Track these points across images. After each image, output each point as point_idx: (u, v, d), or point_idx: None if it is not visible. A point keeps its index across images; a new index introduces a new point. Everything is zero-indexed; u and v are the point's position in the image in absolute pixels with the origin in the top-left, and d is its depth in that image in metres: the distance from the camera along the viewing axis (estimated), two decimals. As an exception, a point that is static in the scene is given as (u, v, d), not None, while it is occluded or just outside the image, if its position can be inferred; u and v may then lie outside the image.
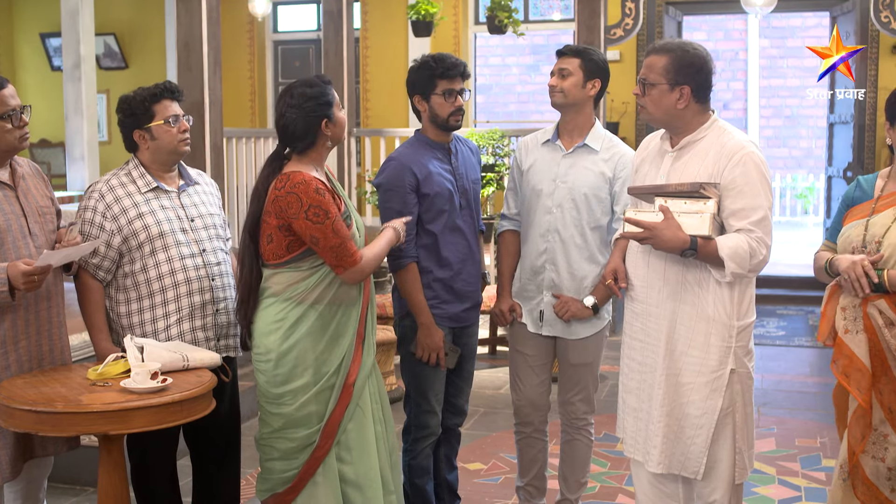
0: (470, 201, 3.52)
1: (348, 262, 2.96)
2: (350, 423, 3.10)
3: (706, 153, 2.87)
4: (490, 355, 6.90)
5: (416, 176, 3.36)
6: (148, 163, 3.20)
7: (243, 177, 7.36)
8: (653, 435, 2.96)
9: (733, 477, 2.92)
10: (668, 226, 2.78)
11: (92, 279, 3.12)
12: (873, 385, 2.85)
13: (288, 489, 3.09)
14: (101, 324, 3.13)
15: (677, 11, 9.56)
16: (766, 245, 2.80)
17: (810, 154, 15.31)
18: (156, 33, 10.35)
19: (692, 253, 2.79)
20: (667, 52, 2.89)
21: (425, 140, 3.49)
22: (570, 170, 3.47)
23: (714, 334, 2.86)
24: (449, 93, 3.38)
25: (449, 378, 3.59)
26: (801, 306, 8.88)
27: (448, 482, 3.74)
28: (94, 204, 3.12)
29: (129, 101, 3.16)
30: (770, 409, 5.55)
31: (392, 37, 9.93)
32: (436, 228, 3.41)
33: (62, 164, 9.98)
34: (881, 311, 2.82)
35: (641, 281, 2.99)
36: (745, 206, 2.80)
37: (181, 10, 5.48)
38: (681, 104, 2.88)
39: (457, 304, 3.49)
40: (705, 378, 2.87)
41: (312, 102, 3.01)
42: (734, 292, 2.85)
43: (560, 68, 3.44)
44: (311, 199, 2.92)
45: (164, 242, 3.12)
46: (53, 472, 3.33)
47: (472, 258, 3.53)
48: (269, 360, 3.04)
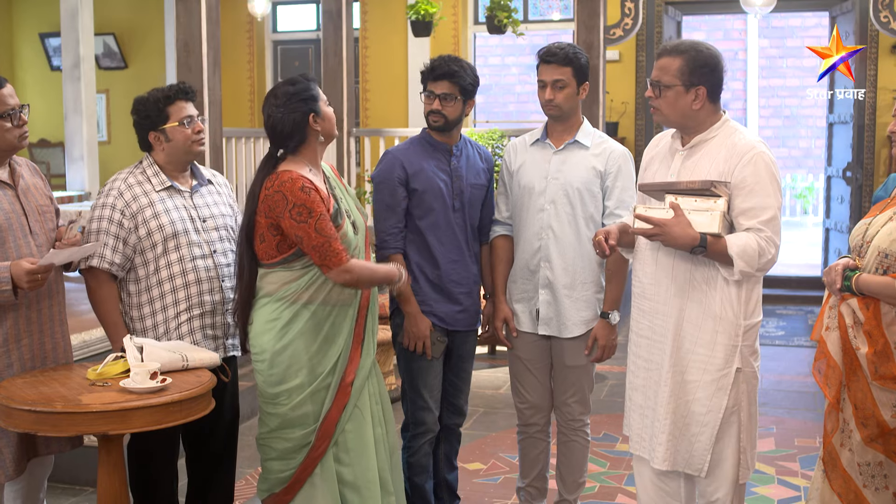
0: (465, 204, 3.51)
1: (333, 261, 2.95)
2: (349, 424, 3.10)
3: (717, 152, 2.88)
4: (490, 355, 6.90)
5: (406, 170, 3.42)
6: (163, 163, 3.21)
7: (242, 177, 7.36)
8: (658, 432, 2.96)
9: (737, 476, 2.92)
10: (679, 223, 2.79)
11: (106, 275, 3.11)
12: (846, 382, 2.90)
13: (285, 489, 3.09)
14: (118, 319, 3.13)
15: (677, 11, 9.56)
16: (774, 244, 2.81)
17: (810, 154, 15.31)
18: (155, 33, 10.35)
19: (702, 250, 2.79)
20: (680, 54, 2.89)
21: (428, 139, 3.53)
22: (562, 166, 3.48)
23: (721, 332, 2.87)
24: (429, 94, 3.45)
25: (447, 378, 3.60)
26: (800, 306, 8.89)
27: (447, 482, 3.74)
28: (112, 201, 3.12)
29: (144, 102, 3.17)
30: (769, 409, 5.55)
31: (391, 37, 9.92)
32: (425, 225, 3.44)
33: (61, 163, 9.98)
34: (853, 310, 2.87)
35: (650, 278, 3.00)
36: (754, 205, 2.81)
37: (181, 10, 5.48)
38: (696, 105, 2.89)
39: (446, 304, 3.49)
40: (711, 376, 2.88)
41: (296, 99, 3.03)
42: (742, 291, 2.86)
43: (554, 80, 3.42)
44: (295, 197, 2.92)
45: (177, 242, 3.13)
46: (53, 472, 3.33)
47: (464, 261, 3.53)
48: (264, 360, 3.04)
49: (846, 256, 3.00)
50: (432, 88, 3.44)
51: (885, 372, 2.80)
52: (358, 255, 3.11)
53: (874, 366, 2.82)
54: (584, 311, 3.48)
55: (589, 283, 3.48)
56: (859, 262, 2.91)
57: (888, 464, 2.86)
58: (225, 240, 3.27)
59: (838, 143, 9.37)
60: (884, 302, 2.81)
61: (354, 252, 3.09)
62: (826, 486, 2.98)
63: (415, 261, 3.46)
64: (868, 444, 2.86)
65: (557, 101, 3.43)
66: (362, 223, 3.19)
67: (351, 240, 3.08)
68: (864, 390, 2.86)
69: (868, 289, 2.83)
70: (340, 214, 3.06)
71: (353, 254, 3.09)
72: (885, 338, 2.81)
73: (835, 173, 9.41)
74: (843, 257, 3.00)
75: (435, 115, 3.44)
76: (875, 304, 2.83)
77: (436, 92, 3.43)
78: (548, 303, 3.50)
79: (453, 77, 3.41)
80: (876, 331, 2.82)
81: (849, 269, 2.90)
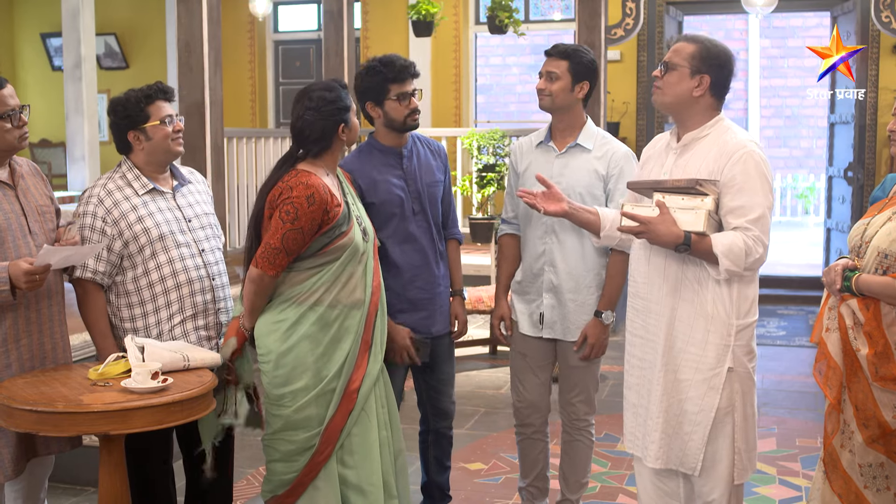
0: (425, 206, 3.47)
1: (265, 264, 2.94)
2: (355, 428, 3.09)
3: (708, 150, 2.88)
4: (490, 355, 6.90)
5: (359, 184, 3.35)
6: (142, 164, 3.19)
7: (243, 177, 7.35)
8: (651, 430, 2.97)
9: (732, 476, 2.92)
10: (663, 220, 2.79)
11: (92, 284, 3.11)
12: (847, 383, 2.90)
13: (287, 492, 3.09)
14: (106, 329, 3.13)
15: (678, 11, 9.56)
16: (762, 243, 2.80)
17: (811, 154, 15.31)
18: (156, 33, 10.36)
19: (686, 249, 2.80)
20: (696, 42, 2.93)
21: (376, 145, 3.46)
22: (565, 170, 3.47)
23: (712, 332, 2.86)
24: (403, 96, 3.36)
25: (426, 383, 3.60)
26: (801, 306, 8.88)
27: (437, 483, 3.75)
28: (92, 209, 3.10)
29: (123, 102, 3.16)
30: (771, 409, 5.55)
31: (392, 37, 9.92)
32: (384, 236, 3.38)
33: (63, 164, 9.98)
34: (853, 311, 2.87)
35: (643, 277, 3.00)
36: (742, 204, 2.80)
37: (182, 10, 5.49)
38: (697, 92, 2.89)
39: (412, 313, 3.45)
40: (703, 375, 2.88)
41: (331, 107, 3.02)
42: (733, 291, 2.85)
43: (548, 71, 3.43)
44: (297, 200, 2.92)
45: (165, 244, 3.12)
46: (54, 472, 3.33)
47: (428, 265, 3.48)
48: (269, 361, 3.04)
49: (845, 257, 3.00)
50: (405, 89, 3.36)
51: (886, 373, 2.80)
52: (366, 261, 3.10)
53: (874, 367, 2.82)
54: (587, 314, 3.48)
55: (593, 286, 3.47)
56: (858, 262, 2.91)
57: (889, 464, 2.86)
58: (211, 238, 3.27)
59: (839, 143, 9.37)
60: (884, 302, 2.81)
61: (363, 257, 3.08)
62: (827, 487, 2.98)
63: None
64: (869, 445, 2.86)
65: (548, 90, 3.42)
66: (372, 230, 3.19)
67: (359, 244, 3.07)
68: (864, 391, 2.86)
69: (868, 289, 2.83)
70: (348, 220, 3.05)
71: (362, 259, 3.08)
72: (885, 338, 2.80)
73: (836, 173, 9.40)
74: (842, 258, 3.00)
75: (414, 114, 3.39)
76: (875, 304, 2.82)
77: (408, 91, 3.37)
78: (552, 307, 3.50)
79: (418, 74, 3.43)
80: (876, 332, 2.82)
81: (848, 270, 2.89)
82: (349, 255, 3.04)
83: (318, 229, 2.96)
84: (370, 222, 3.23)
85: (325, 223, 2.97)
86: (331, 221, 2.98)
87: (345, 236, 3.02)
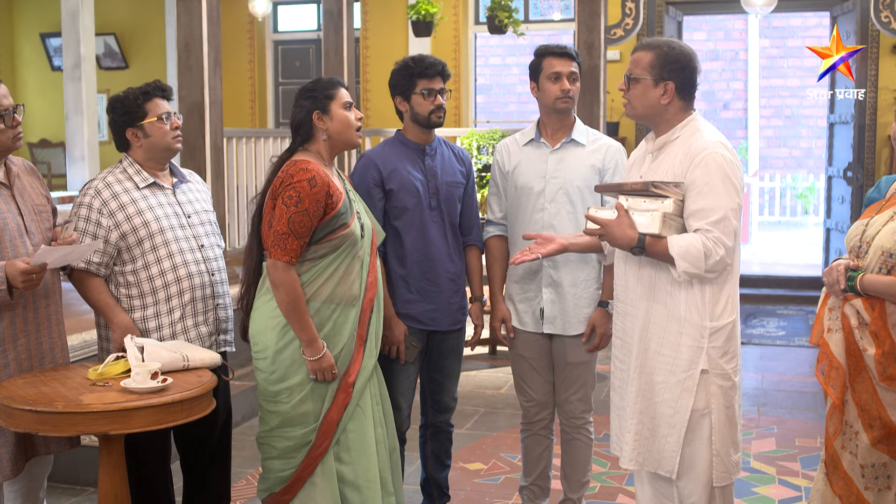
0: (441, 203, 3.51)
1: (278, 253, 2.96)
2: (350, 424, 3.10)
3: (676, 153, 2.90)
4: (490, 355, 6.90)
5: (381, 171, 3.42)
6: (142, 161, 3.22)
7: (243, 177, 7.36)
8: (625, 431, 2.98)
9: (711, 479, 2.88)
10: (619, 223, 2.83)
11: (88, 274, 3.12)
12: (850, 383, 2.89)
13: (285, 488, 3.10)
14: (112, 301, 3.12)
15: (677, 11, 9.56)
16: (723, 245, 2.78)
17: (810, 154, 15.30)
18: (156, 33, 10.35)
19: (640, 251, 2.82)
20: (652, 49, 2.92)
21: (402, 139, 3.54)
22: (560, 164, 3.49)
23: (685, 334, 2.85)
24: (429, 91, 3.44)
25: (430, 376, 3.62)
26: (801, 306, 8.88)
27: (436, 480, 3.75)
28: (89, 200, 3.12)
29: (122, 100, 3.19)
30: (770, 409, 5.55)
31: (392, 37, 9.92)
32: (399, 224, 3.44)
33: (62, 163, 9.98)
34: (857, 311, 2.86)
35: (621, 280, 3.03)
36: (704, 206, 2.80)
37: (181, 10, 5.49)
38: (664, 100, 2.90)
39: (421, 303, 3.48)
40: (676, 377, 2.87)
41: (306, 95, 3.12)
42: (706, 293, 2.84)
43: (570, 72, 3.47)
44: (298, 184, 2.95)
45: (164, 238, 3.13)
46: (53, 472, 3.33)
47: (441, 259, 3.50)
48: (266, 358, 3.05)
49: (843, 257, 3.00)
50: (432, 85, 3.45)
51: (893, 373, 2.79)
52: (363, 257, 3.12)
53: (882, 367, 2.80)
54: (587, 307, 3.50)
55: (591, 280, 3.50)
56: (858, 262, 2.90)
57: (892, 464, 2.86)
58: (211, 234, 3.30)
59: (839, 143, 9.37)
60: (889, 302, 2.80)
61: (360, 253, 3.11)
62: (828, 488, 2.97)
63: (390, 262, 3.46)
64: (874, 446, 2.85)
65: (573, 92, 3.47)
66: (370, 227, 3.20)
67: (357, 240, 3.09)
68: (869, 391, 2.85)
69: (874, 289, 2.82)
70: (349, 212, 3.07)
71: (359, 255, 3.10)
72: (891, 338, 2.79)
73: (835, 173, 9.41)
74: (840, 258, 2.99)
75: (438, 111, 3.46)
76: (880, 304, 2.82)
77: (434, 88, 3.45)
78: (552, 301, 3.51)
79: (449, 76, 3.51)
80: (882, 331, 2.81)
81: (850, 270, 2.89)
82: (347, 248, 3.06)
83: (324, 215, 2.99)
84: (374, 219, 3.27)
85: (329, 207, 3.00)
86: (335, 206, 3.01)
87: (346, 227, 3.05)
